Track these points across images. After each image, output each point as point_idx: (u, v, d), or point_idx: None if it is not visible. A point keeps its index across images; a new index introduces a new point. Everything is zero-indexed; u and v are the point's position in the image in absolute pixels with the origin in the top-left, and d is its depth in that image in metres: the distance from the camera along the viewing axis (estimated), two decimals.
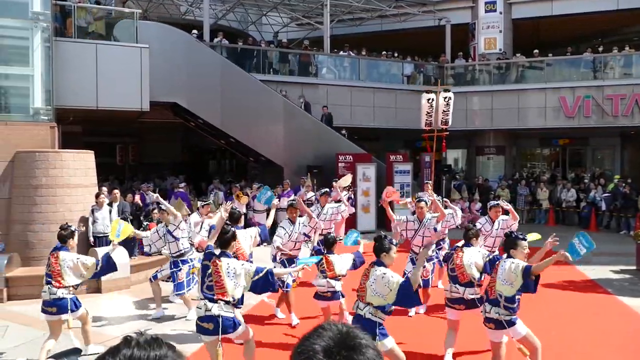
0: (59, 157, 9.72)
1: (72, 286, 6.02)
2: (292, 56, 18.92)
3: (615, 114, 17.95)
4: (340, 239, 7.41)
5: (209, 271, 4.98)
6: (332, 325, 1.28)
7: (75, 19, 12.42)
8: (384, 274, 4.81)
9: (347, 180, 11.23)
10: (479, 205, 16.55)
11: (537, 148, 23.61)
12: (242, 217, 7.98)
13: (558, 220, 17.23)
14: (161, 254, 9.69)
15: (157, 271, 8.14)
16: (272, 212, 7.65)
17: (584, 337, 6.82)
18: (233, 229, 5.39)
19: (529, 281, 4.88)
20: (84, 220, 9.73)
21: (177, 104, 14.47)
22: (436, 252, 7.97)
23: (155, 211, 12.22)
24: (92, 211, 9.75)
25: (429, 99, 15.04)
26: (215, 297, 4.93)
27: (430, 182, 13.09)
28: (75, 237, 6.30)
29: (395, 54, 20.41)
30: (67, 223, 6.41)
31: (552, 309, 7.83)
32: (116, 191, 11.04)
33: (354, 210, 13.53)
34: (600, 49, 19.56)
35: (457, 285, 5.96)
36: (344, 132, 16.90)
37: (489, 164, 21.05)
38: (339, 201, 13.55)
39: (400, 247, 11.10)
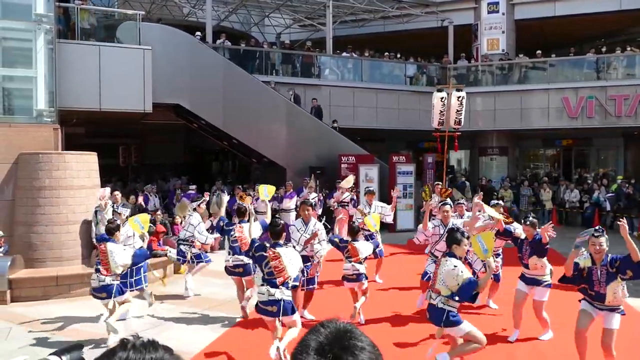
0: (62, 159, 9.73)
1: (117, 274, 6.82)
2: (295, 57, 18.94)
3: (618, 114, 17.90)
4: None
5: (266, 260, 5.63)
6: (333, 323, 1.28)
7: (78, 20, 12.47)
8: (455, 266, 5.17)
9: (349, 181, 11.26)
10: None
11: (540, 149, 23.56)
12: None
13: (561, 221, 17.18)
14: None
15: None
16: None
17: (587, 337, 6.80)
18: (282, 221, 6.09)
19: None
20: (87, 222, 9.76)
21: (179, 105, 14.50)
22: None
23: (158, 212, 12.27)
24: (95, 213, 9.76)
25: (442, 98, 14.96)
26: (277, 283, 5.56)
27: (440, 183, 13.11)
28: (121, 230, 7.23)
29: (398, 55, 20.39)
30: (113, 217, 7.29)
31: (554, 309, 7.79)
32: (117, 193, 11.05)
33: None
34: (604, 49, 19.50)
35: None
36: (335, 125, 16.82)
37: (492, 165, 21.02)
38: (342, 202, 13.59)
39: (416, 250, 11.05)
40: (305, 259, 7.26)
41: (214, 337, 6.91)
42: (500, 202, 8.36)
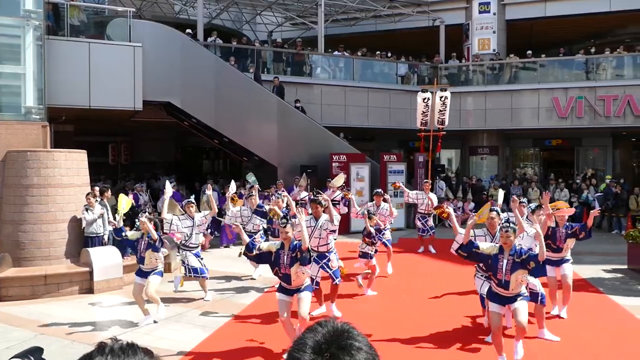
0: (50, 157, 9.64)
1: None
2: (286, 56, 18.89)
3: (607, 114, 18.05)
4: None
5: None
6: (331, 322, 1.28)
7: (67, 17, 12.35)
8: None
9: (340, 180, 11.25)
10: (472, 205, 16.62)
11: (530, 148, 23.69)
12: None
13: None
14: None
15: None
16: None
17: (576, 336, 6.85)
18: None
19: None
20: (76, 220, 9.67)
21: (170, 104, 14.40)
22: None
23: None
24: (85, 211, 9.68)
25: (424, 98, 15.01)
26: None
27: (428, 181, 13.14)
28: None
29: (389, 54, 20.42)
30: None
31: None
32: (107, 193, 10.94)
33: (347, 210, 13.56)
34: (593, 50, 19.65)
35: None
36: (298, 105, 16.63)
37: (482, 164, 21.12)
38: (333, 201, 13.53)
39: (406, 249, 11.12)
40: (322, 255, 7.43)
41: (204, 336, 6.88)
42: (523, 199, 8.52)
